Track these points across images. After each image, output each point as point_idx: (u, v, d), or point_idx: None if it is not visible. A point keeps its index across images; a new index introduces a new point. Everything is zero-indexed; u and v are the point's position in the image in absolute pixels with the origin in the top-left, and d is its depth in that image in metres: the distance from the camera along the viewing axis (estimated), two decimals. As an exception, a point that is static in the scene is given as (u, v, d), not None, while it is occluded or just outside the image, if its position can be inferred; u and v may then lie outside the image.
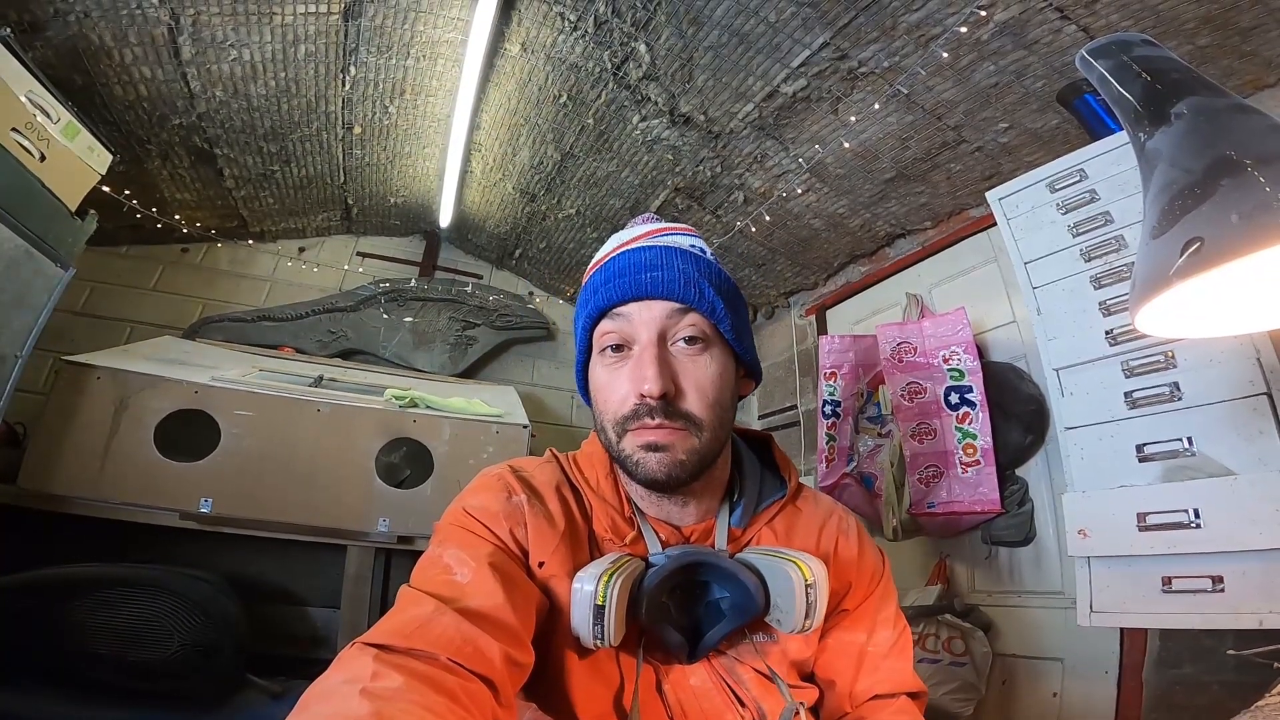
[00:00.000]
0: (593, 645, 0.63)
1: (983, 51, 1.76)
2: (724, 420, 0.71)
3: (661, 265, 0.71)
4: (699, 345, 0.70)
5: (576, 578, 0.65)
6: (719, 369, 0.70)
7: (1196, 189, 0.60)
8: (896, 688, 0.78)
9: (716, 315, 0.70)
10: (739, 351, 0.74)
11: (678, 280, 0.70)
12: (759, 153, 2.36)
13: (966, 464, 2.01)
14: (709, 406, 0.69)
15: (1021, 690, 1.88)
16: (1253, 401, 1.23)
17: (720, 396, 0.70)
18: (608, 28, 2.01)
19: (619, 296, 0.70)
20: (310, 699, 0.49)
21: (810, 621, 0.66)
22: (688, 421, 0.68)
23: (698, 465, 0.69)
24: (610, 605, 0.61)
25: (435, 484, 2.29)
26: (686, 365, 0.69)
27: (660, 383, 0.66)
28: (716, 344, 0.71)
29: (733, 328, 0.72)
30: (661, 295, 0.70)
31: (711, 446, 0.69)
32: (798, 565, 0.66)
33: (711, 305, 0.70)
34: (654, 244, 0.74)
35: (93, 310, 2.83)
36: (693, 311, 0.70)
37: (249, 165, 2.65)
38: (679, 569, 0.69)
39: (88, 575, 1.74)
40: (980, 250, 2.33)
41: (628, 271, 0.71)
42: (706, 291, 0.70)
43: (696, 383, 0.69)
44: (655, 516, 0.76)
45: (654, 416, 0.67)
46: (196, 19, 1.93)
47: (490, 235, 3.47)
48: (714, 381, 0.69)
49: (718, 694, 0.72)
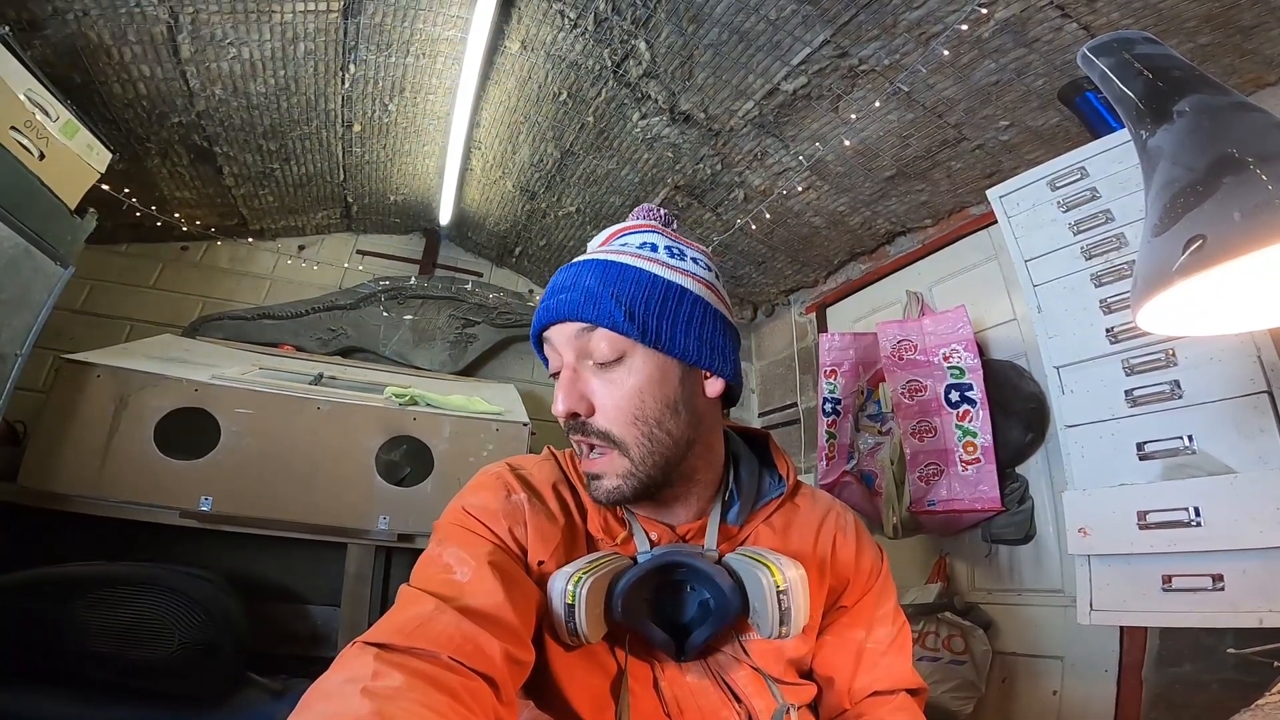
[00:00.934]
0: (569, 642, 0.65)
1: (984, 49, 1.75)
2: (658, 433, 0.69)
3: (570, 285, 0.70)
4: (612, 363, 0.68)
5: (552, 576, 0.66)
6: (638, 381, 0.68)
7: (1198, 187, 0.60)
8: (896, 684, 0.78)
9: (621, 327, 0.67)
10: (677, 354, 0.70)
11: (579, 299, 0.69)
12: (759, 150, 2.36)
13: (967, 462, 2.01)
14: (628, 423, 0.68)
15: (1021, 688, 1.88)
16: (1253, 399, 1.23)
17: (643, 410, 0.68)
18: (608, 25, 2.00)
19: (541, 322, 0.72)
20: (311, 698, 0.50)
21: (786, 628, 0.64)
22: (606, 440, 0.68)
23: (638, 484, 0.69)
24: (580, 604, 0.62)
25: (436, 482, 2.29)
26: (595, 384, 0.69)
27: (566, 403, 0.68)
28: (636, 355, 0.69)
29: (655, 331, 0.68)
30: (566, 317, 0.69)
31: (648, 462, 0.68)
32: (770, 569, 0.65)
33: (612, 318, 0.67)
34: (585, 258, 0.74)
35: (92, 308, 2.82)
36: (598, 328, 0.68)
37: (248, 163, 2.64)
38: (654, 570, 0.70)
39: (88, 574, 1.74)
40: (981, 248, 2.32)
41: (550, 294, 0.72)
42: (606, 305, 0.67)
43: (610, 401, 0.68)
44: (646, 516, 0.76)
45: (575, 434, 0.70)
46: (195, 17, 1.92)
47: (490, 233, 3.47)
48: (630, 396, 0.68)
49: (713, 691, 0.73)
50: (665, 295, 0.70)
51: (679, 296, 0.71)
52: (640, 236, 0.76)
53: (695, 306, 0.71)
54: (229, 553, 2.09)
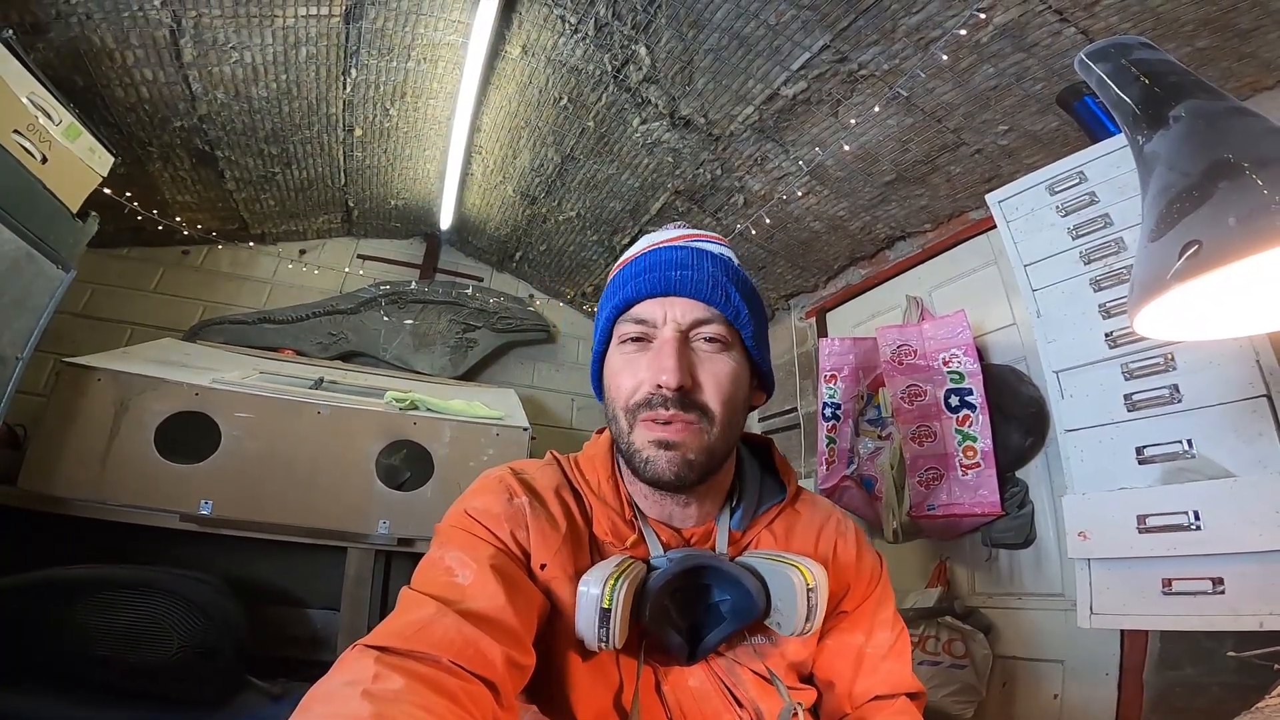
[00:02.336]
0: (597, 648, 0.64)
1: (982, 54, 1.76)
2: (735, 421, 0.71)
3: (692, 265, 0.72)
4: (719, 345, 0.70)
5: (582, 581, 0.65)
6: (736, 370, 0.71)
7: (1194, 192, 0.60)
8: (896, 688, 0.79)
9: (740, 320, 0.71)
10: (756, 360, 0.75)
11: (706, 282, 0.71)
12: (759, 155, 2.36)
13: (967, 466, 2.01)
14: (724, 402, 0.69)
15: (1022, 692, 1.88)
16: (1252, 404, 1.23)
17: (735, 395, 0.70)
18: (608, 31, 2.01)
19: (647, 291, 0.71)
20: (312, 701, 0.50)
21: (810, 625, 0.66)
22: (701, 414, 0.68)
23: (706, 464, 0.69)
24: (616, 608, 0.62)
25: (436, 486, 2.29)
26: (705, 360, 0.70)
27: (679, 375, 0.66)
28: (736, 348, 0.72)
29: (754, 335, 0.73)
30: (689, 294, 0.70)
31: (721, 445, 0.70)
32: (800, 570, 0.67)
33: (736, 310, 0.71)
34: (686, 245, 0.75)
35: (93, 312, 2.83)
36: (718, 315, 0.71)
37: (250, 167, 2.65)
38: (683, 572, 0.70)
39: (88, 577, 1.74)
40: (980, 253, 2.33)
41: (657, 268, 0.72)
42: (733, 296, 0.71)
43: (714, 376, 0.69)
44: (656, 519, 0.76)
45: (668, 407, 0.67)
46: (198, 21, 1.93)
47: (491, 238, 3.47)
48: (731, 379, 0.70)
49: (716, 695, 0.73)
50: (759, 306, 0.75)
51: (764, 313, 0.77)
52: (718, 246, 0.78)
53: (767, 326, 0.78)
54: (229, 556, 2.09)
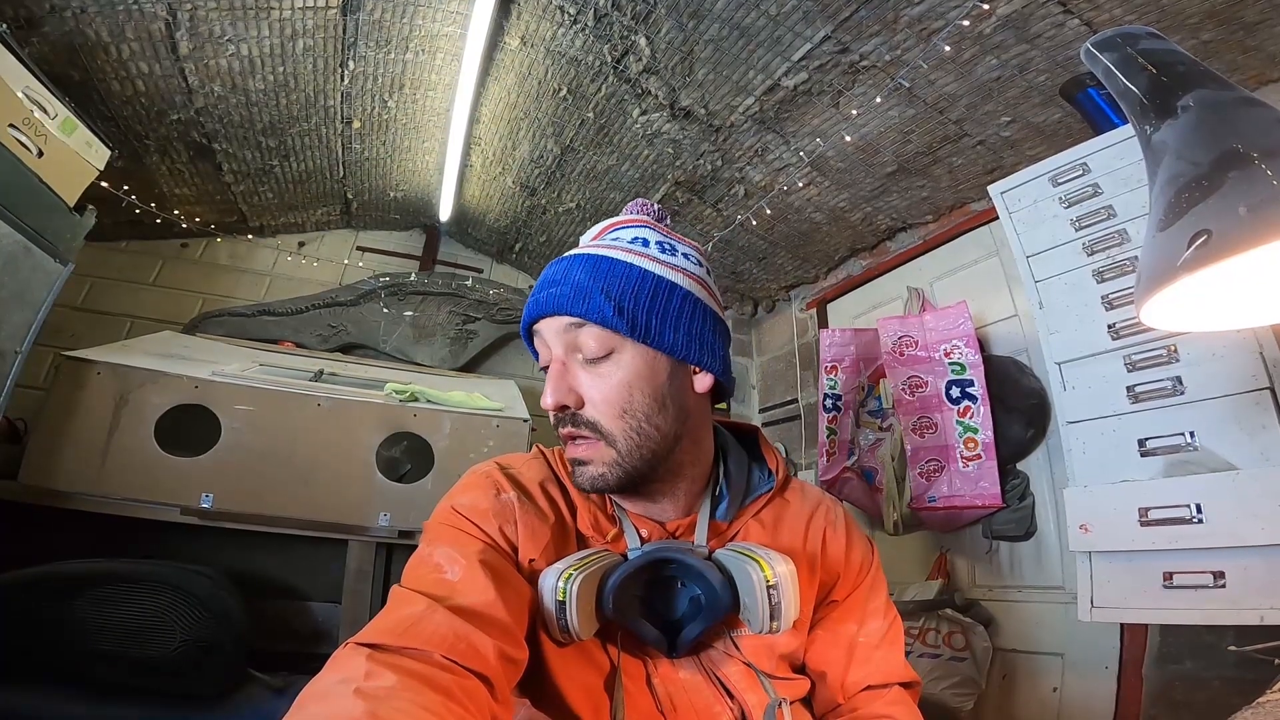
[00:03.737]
0: (560, 639, 0.65)
1: (985, 45, 1.75)
2: (647, 427, 0.69)
3: (560, 279, 0.71)
4: (600, 359, 0.69)
5: (543, 573, 0.66)
6: (626, 376, 0.69)
7: (1204, 181, 0.60)
8: (889, 678, 0.79)
9: (610, 322, 0.67)
10: (665, 348, 0.70)
11: (568, 294, 0.69)
12: (760, 146, 2.35)
13: (967, 458, 2.01)
14: (616, 416, 0.68)
15: (1022, 685, 1.88)
16: (1255, 396, 1.23)
17: (632, 401, 0.69)
18: (607, 21, 1.99)
19: (530, 316, 0.73)
20: (305, 699, 0.50)
21: (777, 623, 0.65)
22: (594, 431, 0.69)
23: (623, 475, 0.69)
24: (570, 600, 0.62)
25: (436, 478, 2.29)
26: (586, 377, 0.70)
27: (554, 396, 0.68)
28: (625, 350, 0.69)
29: (644, 326, 0.69)
30: (554, 311, 0.70)
31: (634, 455, 0.69)
32: (760, 565, 0.65)
33: (602, 313, 0.67)
34: (576, 253, 0.74)
35: (92, 305, 2.82)
36: (587, 323, 0.68)
37: (248, 160, 2.64)
38: (644, 566, 0.70)
39: (89, 571, 1.74)
40: (982, 244, 2.32)
41: (539, 288, 0.73)
42: (595, 300, 0.68)
43: (599, 394, 0.69)
44: (636, 513, 0.77)
45: (564, 426, 0.70)
46: (194, 14, 1.92)
47: (490, 229, 3.46)
48: (618, 390, 0.68)
49: (706, 687, 0.73)
50: (655, 290, 0.70)
51: (669, 291, 0.71)
52: (632, 231, 0.76)
53: (685, 302, 0.72)
54: (230, 550, 2.09)
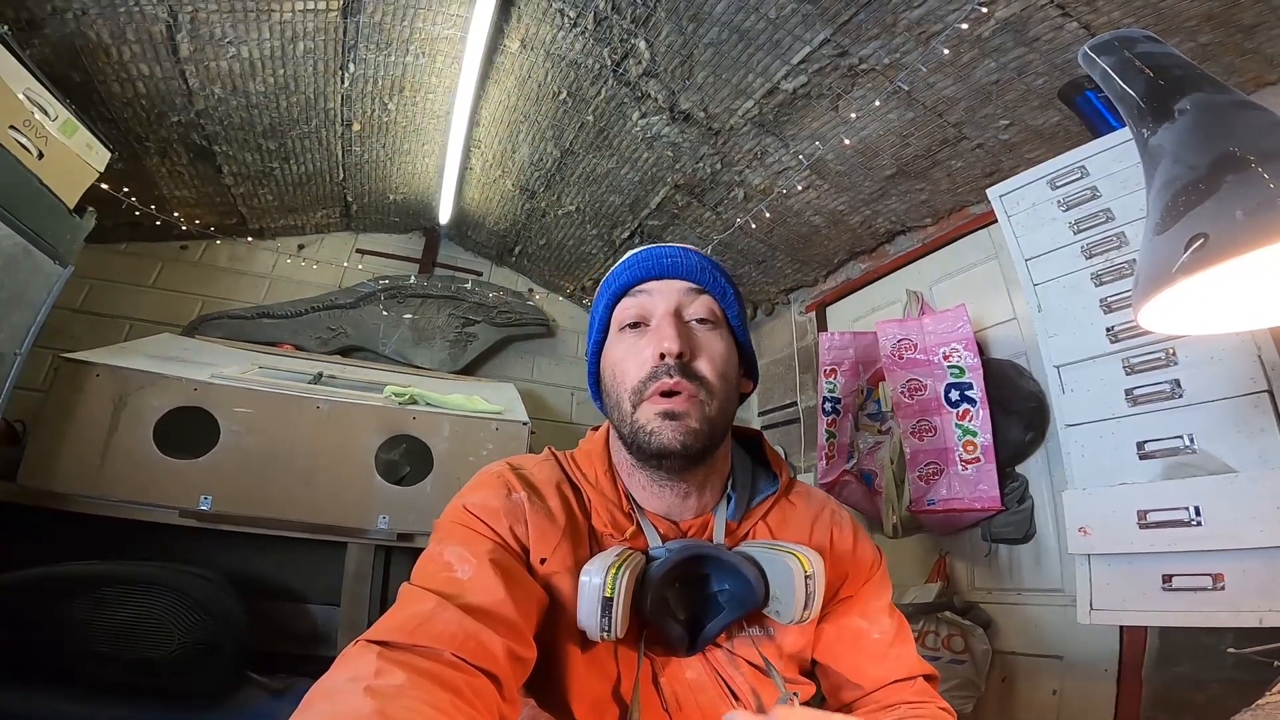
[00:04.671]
0: (599, 638, 0.64)
1: (984, 48, 1.75)
2: (730, 397, 0.75)
3: (679, 256, 0.78)
4: (710, 324, 0.76)
5: (584, 570, 0.66)
6: (727, 347, 0.76)
7: (1200, 185, 0.60)
8: (911, 671, 0.80)
9: (727, 300, 0.78)
10: (741, 343, 0.79)
11: (695, 266, 0.77)
12: (759, 149, 2.36)
13: (967, 461, 2.01)
14: (720, 376, 0.73)
15: (1021, 688, 1.88)
16: (1253, 399, 1.23)
17: (728, 371, 0.75)
18: (607, 24, 2.00)
19: (641, 275, 0.78)
20: (314, 697, 0.50)
21: (809, 612, 0.67)
22: (701, 385, 0.71)
23: (708, 435, 0.71)
24: (618, 597, 0.62)
25: (435, 481, 2.29)
26: (700, 336, 0.75)
27: (679, 342, 0.71)
28: (724, 327, 0.77)
29: (738, 318, 0.79)
30: (680, 275, 0.77)
31: (720, 418, 0.73)
32: (798, 558, 0.68)
33: (724, 290, 0.78)
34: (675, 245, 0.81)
35: (92, 307, 2.82)
36: (706, 294, 0.77)
37: (248, 162, 2.64)
38: (682, 561, 0.70)
39: (87, 573, 1.74)
40: (981, 247, 2.32)
41: (649, 259, 0.78)
42: (719, 279, 0.78)
43: (709, 351, 0.74)
44: (654, 511, 0.77)
45: (671, 375, 0.70)
46: (195, 16, 1.92)
47: (490, 232, 3.47)
48: (724, 354, 0.75)
49: (712, 686, 0.73)
50: (739, 295, 0.81)
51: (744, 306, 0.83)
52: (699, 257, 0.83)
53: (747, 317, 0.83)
54: (229, 552, 2.09)
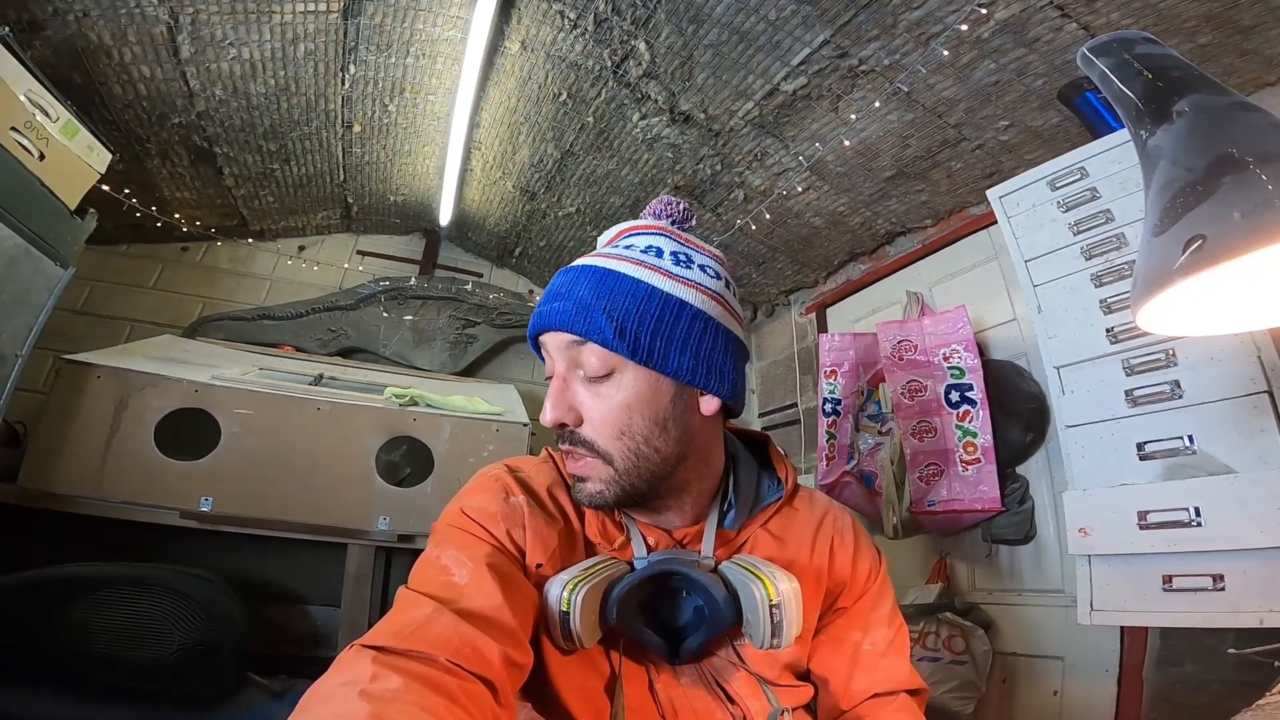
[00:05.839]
0: (564, 646, 0.65)
1: (983, 49, 1.75)
2: (644, 449, 0.67)
3: (565, 294, 0.68)
4: (600, 378, 0.67)
5: (548, 583, 0.66)
6: (626, 397, 0.67)
7: (1198, 186, 0.60)
8: (896, 685, 0.78)
9: (611, 344, 0.65)
10: (669, 372, 0.67)
11: (570, 311, 0.67)
12: (759, 150, 2.36)
13: (967, 462, 2.01)
14: (614, 437, 0.67)
15: (1022, 688, 1.88)
16: (1253, 399, 1.23)
17: (630, 426, 0.67)
18: (607, 26, 2.00)
19: (534, 328, 0.72)
20: (310, 701, 0.50)
21: (778, 640, 0.64)
22: (591, 450, 0.68)
23: (620, 492, 0.68)
24: (575, 611, 0.62)
25: (435, 482, 2.29)
26: (587, 395, 0.68)
27: (553, 414, 0.68)
28: (626, 371, 0.67)
29: (646, 349, 0.66)
30: (559, 327, 0.68)
31: (632, 474, 0.68)
32: (764, 583, 0.65)
33: (602, 334, 0.65)
34: (584, 263, 0.72)
35: (93, 309, 2.83)
36: (588, 343, 0.66)
37: (248, 164, 2.65)
38: (649, 578, 0.70)
39: (88, 574, 1.74)
40: (981, 248, 2.32)
41: (545, 299, 0.70)
42: (597, 320, 0.65)
43: (597, 414, 0.68)
44: (644, 521, 0.76)
45: (563, 442, 0.70)
46: (195, 18, 1.92)
47: (490, 233, 3.47)
48: (617, 411, 0.67)
49: (707, 694, 0.73)
50: (662, 310, 0.67)
51: (676, 311, 0.68)
52: (647, 239, 0.73)
53: (695, 322, 0.68)
54: (229, 553, 2.09)
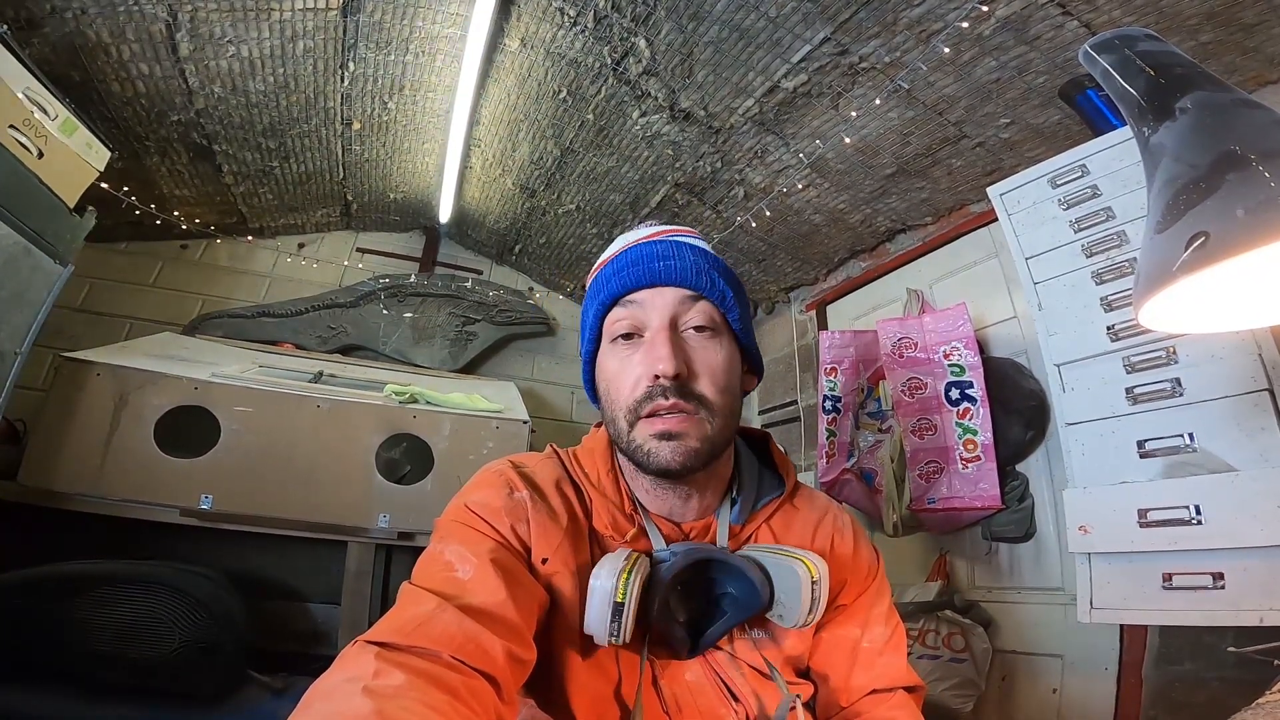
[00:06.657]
0: (606, 642, 0.64)
1: (984, 47, 1.75)
2: (733, 409, 0.72)
3: (674, 255, 0.72)
4: (709, 332, 0.71)
5: (594, 574, 0.65)
6: (728, 356, 0.72)
7: (1201, 183, 0.60)
8: (894, 682, 0.79)
9: (726, 304, 0.72)
10: (745, 344, 0.75)
11: (689, 269, 0.71)
12: (759, 148, 2.35)
13: (967, 459, 2.01)
14: (720, 391, 0.70)
15: (1021, 686, 1.88)
16: (1254, 397, 1.23)
17: (730, 383, 0.71)
18: (607, 23, 2.00)
19: (632, 284, 0.72)
20: (313, 697, 0.50)
21: (813, 616, 0.67)
22: (700, 404, 0.68)
23: (709, 453, 0.69)
24: (629, 602, 0.62)
25: (435, 480, 2.29)
26: (698, 350, 0.70)
27: (674, 362, 0.67)
28: (725, 333, 0.73)
29: (740, 319, 0.74)
30: (674, 282, 0.71)
31: (722, 434, 0.70)
32: (805, 563, 0.67)
33: (722, 294, 0.72)
34: (664, 239, 0.75)
35: (92, 307, 2.82)
36: (703, 299, 0.71)
37: (248, 161, 2.64)
38: (690, 565, 0.69)
39: (88, 572, 1.74)
40: (981, 246, 2.32)
41: (640, 261, 0.72)
42: (717, 281, 0.72)
43: (708, 366, 0.70)
44: (657, 513, 0.76)
45: (667, 397, 0.67)
46: (194, 15, 1.92)
47: (490, 231, 3.47)
48: (724, 367, 0.71)
49: (712, 689, 0.73)
50: (742, 291, 0.76)
51: (747, 299, 0.77)
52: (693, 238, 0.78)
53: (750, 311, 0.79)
54: (229, 551, 2.10)
